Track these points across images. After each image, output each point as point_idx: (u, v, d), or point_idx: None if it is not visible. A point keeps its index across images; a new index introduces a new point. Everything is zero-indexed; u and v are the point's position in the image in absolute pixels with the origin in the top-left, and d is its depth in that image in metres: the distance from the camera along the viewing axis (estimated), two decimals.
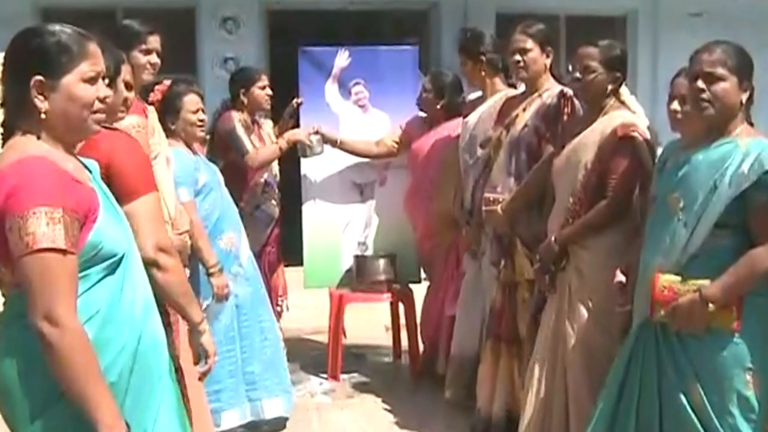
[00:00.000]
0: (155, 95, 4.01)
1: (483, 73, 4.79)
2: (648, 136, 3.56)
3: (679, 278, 2.79)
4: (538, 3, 8.68)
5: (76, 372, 1.93)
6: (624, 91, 3.67)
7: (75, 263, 1.97)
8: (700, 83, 2.79)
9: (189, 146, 4.16)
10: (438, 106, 5.19)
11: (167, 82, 4.08)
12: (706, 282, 2.75)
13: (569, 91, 4.00)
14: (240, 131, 5.00)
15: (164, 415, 2.21)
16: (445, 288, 5.24)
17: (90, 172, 2.20)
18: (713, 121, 2.83)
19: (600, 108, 3.64)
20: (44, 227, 1.90)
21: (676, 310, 2.78)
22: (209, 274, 3.99)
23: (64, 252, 1.93)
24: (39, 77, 2.03)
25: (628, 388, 3.00)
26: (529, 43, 4.16)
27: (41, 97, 2.04)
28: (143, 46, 3.47)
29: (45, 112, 2.05)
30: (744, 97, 2.81)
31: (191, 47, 8.53)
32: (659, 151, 3.57)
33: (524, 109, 4.22)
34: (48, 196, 1.94)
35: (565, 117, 4.04)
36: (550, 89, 4.16)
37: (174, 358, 2.68)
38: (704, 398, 2.78)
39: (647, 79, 8.95)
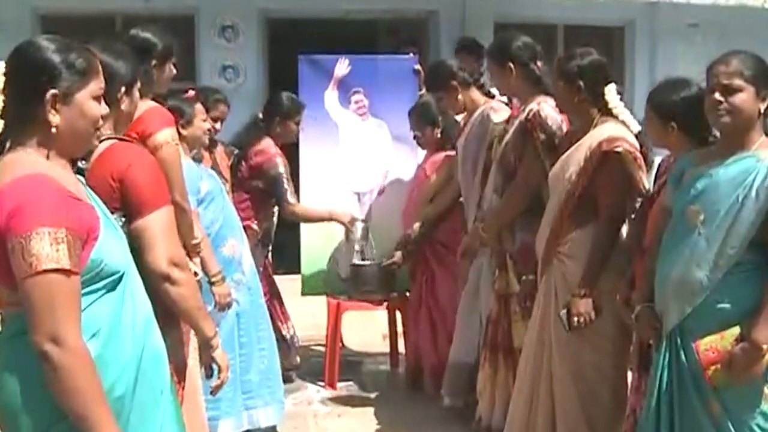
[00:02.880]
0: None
1: (459, 97, 4.81)
2: (636, 146, 3.51)
3: (717, 337, 2.76)
4: (536, 12, 8.71)
5: (80, 393, 1.91)
6: (611, 98, 3.60)
7: (78, 283, 1.96)
8: (718, 95, 2.77)
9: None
10: (437, 135, 5.23)
11: (192, 92, 4.10)
12: (736, 330, 2.71)
13: (540, 109, 3.99)
14: (285, 177, 5.07)
15: (167, 428, 2.22)
16: (416, 308, 5.31)
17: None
18: (731, 131, 2.81)
19: (588, 119, 3.64)
20: (48, 248, 1.88)
21: (734, 366, 2.71)
22: (211, 283, 3.95)
23: (68, 272, 1.91)
24: (54, 91, 2.02)
25: (664, 409, 2.93)
26: (486, 61, 4.30)
27: (53, 111, 2.02)
28: (174, 59, 3.49)
29: (56, 127, 2.03)
30: (762, 106, 2.78)
31: (191, 55, 8.53)
32: (657, 159, 3.60)
33: (511, 125, 4.23)
34: (51, 215, 1.91)
35: (534, 136, 3.99)
36: (533, 104, 4.07)
37: (176, 370, 2.69)
38: (723, 412, 2.76)
39: (644, 88, 8.91)
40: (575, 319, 3.47)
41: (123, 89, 2.65)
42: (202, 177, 4.12)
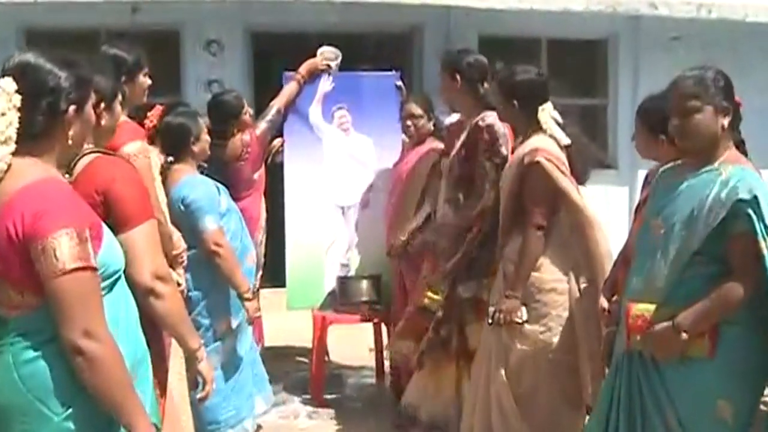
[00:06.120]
0: (151, 120, 4.00)
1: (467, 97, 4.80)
2: (557, 155, 3.68)
3: (652, 306, 2.80)
4: (519, 26, 8.74)
5: (115, 382, 2.02)
6: (543, 116, 3.76)
7: (99, 280, 2.06)
8: (676, 120, 2.83)
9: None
10: (431, 127, 5.22)
11: (159, 107, 4.10)
12: (678, 311, 2.75)
13: (484, 116, 4.14)
14: None
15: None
16: (397, 319, 5.27)
17: None
18: (695, 151, 2.85)
19: (524, 134, 3.84)
20: (76, 247, 1.97)
21: (651, 338, 2.80)
22: (243, 299, 4.09)
23: (93, 269, 2.02)
24: (74, 107, 2.12)
25: (613, 417, 2.97)
26: (441, 73, 4.36)
27: (71, 125, 2.12)
28: (146, 70, 3.54)
29: (71, 138, 2.14)
30: (724, 121, 2.79)
31: (175, 70, 8.52)
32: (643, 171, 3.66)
33: (459, 138, 4.34)
34: (73, 216, 2.01)
35: (480, 137, 4.13)
36: (477, 119, 4.21)
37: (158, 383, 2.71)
38: (680, 426, 2.78)
39: (628, 101, 9.00)
40: (498, 315, 3.66)
41: (103, 104, 2.67)
42: (219, 192, 4.18)
